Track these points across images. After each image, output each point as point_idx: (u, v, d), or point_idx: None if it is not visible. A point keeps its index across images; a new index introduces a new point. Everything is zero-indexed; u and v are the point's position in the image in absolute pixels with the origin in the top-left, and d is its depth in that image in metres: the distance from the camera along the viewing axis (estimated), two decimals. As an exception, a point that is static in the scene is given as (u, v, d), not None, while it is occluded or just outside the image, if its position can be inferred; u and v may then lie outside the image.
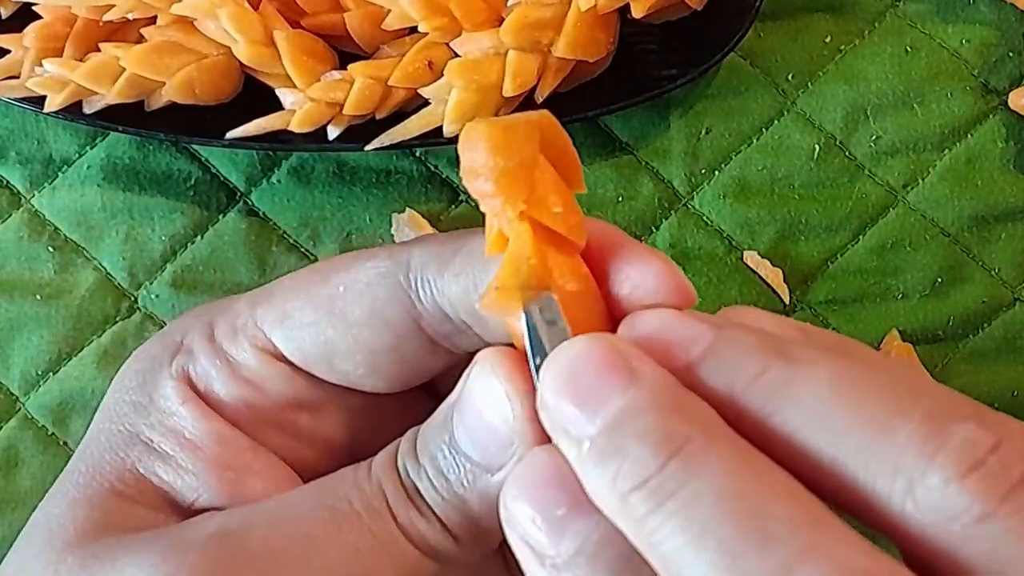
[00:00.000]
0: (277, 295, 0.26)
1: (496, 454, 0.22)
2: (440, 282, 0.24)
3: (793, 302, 0.39)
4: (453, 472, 0.22)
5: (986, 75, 0.39)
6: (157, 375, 0.26)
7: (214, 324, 0.26)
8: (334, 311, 0.25)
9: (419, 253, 0.24)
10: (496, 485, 0.22)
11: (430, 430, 0.23)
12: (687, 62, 0.36)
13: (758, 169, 0.39)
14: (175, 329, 0.27)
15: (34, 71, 0.35)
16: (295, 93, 0.35)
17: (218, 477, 0.25)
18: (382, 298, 0.24)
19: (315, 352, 0.25)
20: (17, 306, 0.38)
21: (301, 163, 0.39)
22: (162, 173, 0.39)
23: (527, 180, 0.21)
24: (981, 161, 0.39)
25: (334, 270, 0.25)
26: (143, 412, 0.26)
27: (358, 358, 0.25)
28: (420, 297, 0.24)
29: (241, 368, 0.26)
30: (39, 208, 0.39)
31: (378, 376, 0.25)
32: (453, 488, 0.23)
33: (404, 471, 0.23)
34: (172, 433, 0.25)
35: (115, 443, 0.26)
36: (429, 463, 0.23)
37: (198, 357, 0.26)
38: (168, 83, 0.35)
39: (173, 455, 0.25)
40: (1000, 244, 0.39)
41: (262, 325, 0.26)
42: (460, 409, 0.22)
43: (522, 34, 0.34)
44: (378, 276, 0.24)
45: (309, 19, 0.36)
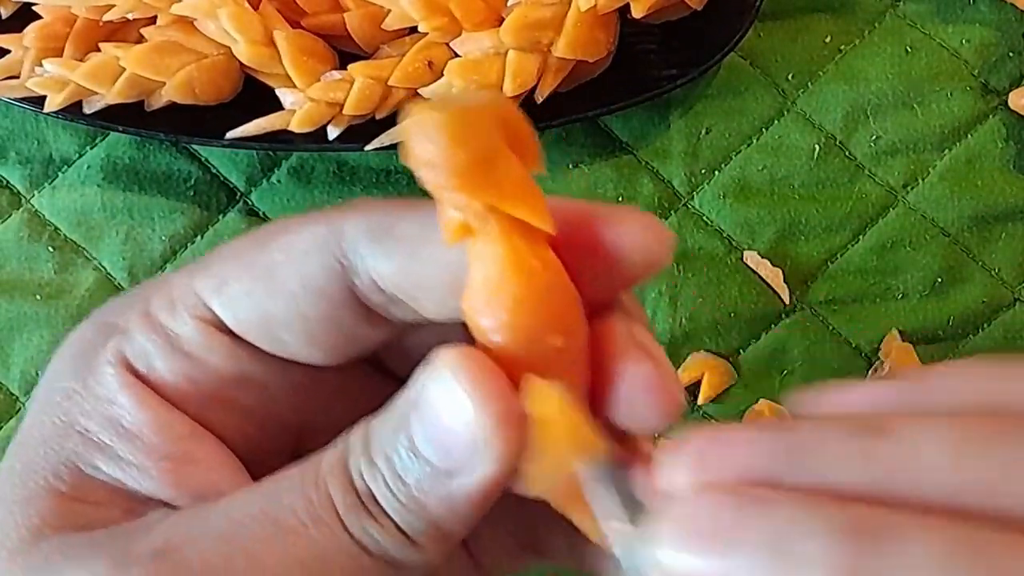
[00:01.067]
0: (215, 263, 0.25)
1: (460, 459, 0.21)
2: (372, 259, 0.23)
3: (793, 302, 0.39)
4: (412, 475, 0.21)
5: (986, 75, 0.39)
6: (92, 360, 0.25)
7: (149, 299, 0.25)
8: (271, 279, 0.24)
9: (352, 225, 0.23)
10: (459, 489, 0.21)
11: (384, 429, 0.22)
12: (687, 62, 0.36)
13: (758, 169, 0.39)
14: (109, 311, 0.26)
15: (34, 71, 0.35)
16: (295, 93, 0.35)
17: (157, 468, 0.24)
18: (317, 267, 0.23)
19: (253, 321, 0.24)
20: (17, 306, 0.38)
21: (301, 163, 0.39)
22: (162, 173, 0.39)
23: (492, 173, 0.20)
24: (981, 161, 0.39)
25: (272, 236, 0.24)
26: (78, 400, 0.24)
27: (296, 328, 0.24)
28: (354, 268, 0.23)
29: (181, 341, 0.24)
30: (39, 208, 0.39)
31: (316, 346, 0.24)
32: (412, 492, 0.21)
33: (357, 473, 0.22)
34: (109, 422, 0.24)
35: (48, 436, 0.24)
36: (385, 465, 0.21)
37: (133, 335, 0.24)
38: (168, 83, 0.35)
39: (111, 445, 0.24)
40: (1000, 244, 0.39)
41: (199, 293, 0.24)
42: (419, 412, 0.21)
43: (522, 34, 0.34)
44: (314, 245, 0.23)
45: (309, 19, 0.36)
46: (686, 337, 0.38)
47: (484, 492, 0.21)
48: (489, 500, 0.21)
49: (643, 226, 0.22)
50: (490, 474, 0.21)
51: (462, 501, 0.21)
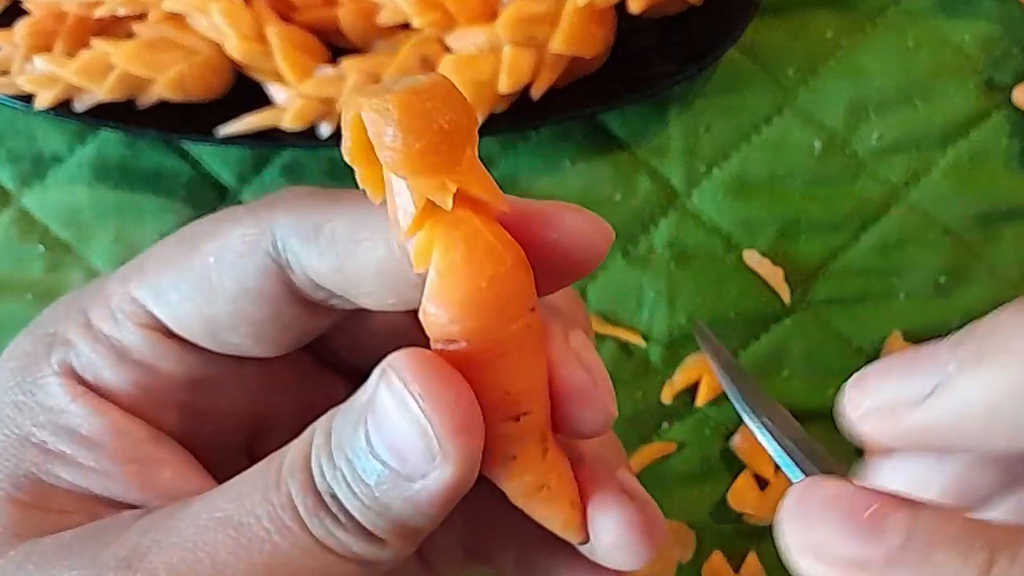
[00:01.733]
0: (148, 269, 0.25)
1: (417, 465, 0.20)
2: (305, 258, 0.23)
3: (794, 302, 0.38)
4: (373, 477, 0.21)
5: (990, 71, 0.38)
6: (36, 372, 0.25)
7: (87, 310, 0.25)
8: (209, 284, 0.24)
9: (282, 224, 0.23)
10: (420, 491, 0.21)
11: (344, 430, 0.21)
12: (686, 58, 0.36)
13: (758, 166, 0.38)
14: (44, 321, 0.26)
15: (24, 68, 0.35)
16: (287, 89, 0.35)
17: (123, 471, 0.24)
18: (254, 270, 0.23)
19: (196, 326, 0.24)
20: (8, 306, 0.38)
21: (293, 160, 0.38)
22: (153, 171, 0.38)
23: (460, 150, 0.19)
24: (985, 158, 0.38)
25: (201, 239, 0.24)
26: (28, 412, 0.24)
27: (241, 329, 0.24)
28: (290, 268, 0.23)
29: (129, 351, 0.24)
30: (29, 206, 0.38)
31: (265, 343, 0.25)
32: (374, 493, 0.21)
33: (319, 473, 0.21)
34: (65, 431, 0.24)
35: (3, 449, 0.24)
36: (346, 466, 0.21)
37: (78, 347, 0.25)
38: (159, 80, 0.35)
39: (71, 454, 0.24)
40: (1004, 243, 0.38)
41: (140, 301, 0.24)
42: (374, 418, 0.21)
43: (518, 29, 0.34)
44: (246, 246, 0.23)
45: (301, 14, 0.36)
46: (685, 337, 0.38)
47: (446, 495, 0.21)
48: (455, 499, 0.21)
49: (583, 220, 0.22)
50: (450, 479, 0.20)
51: (425, 502, 0.21)
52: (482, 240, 0.20)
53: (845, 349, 0.38)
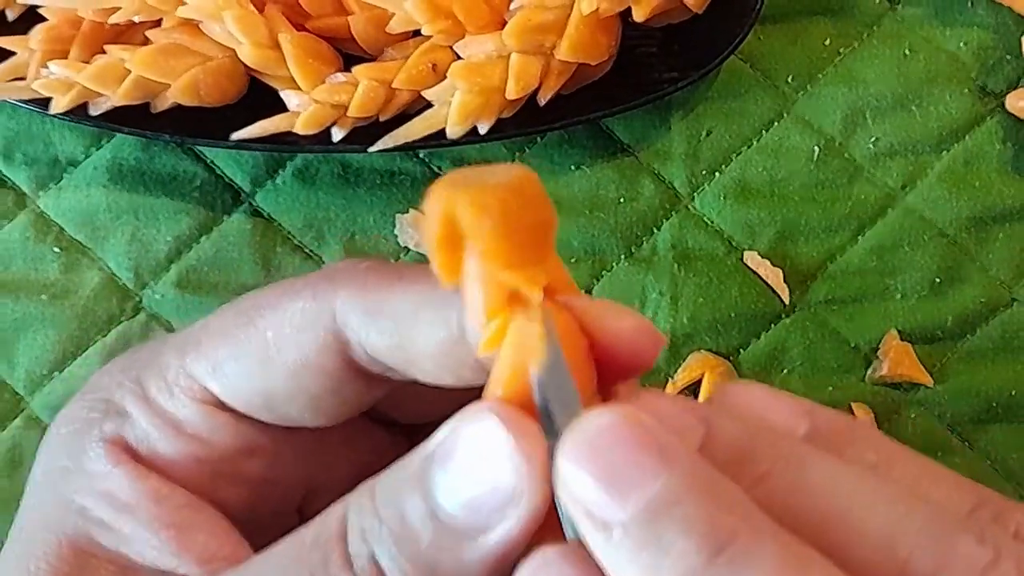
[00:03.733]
0: (204, 343, 0.25)
1: (489, 516, 0.19)
2: (364, 335, 0.23)
3: (793, 302, 0.39)
4: (427, 535, 0.19)
5: (984, 78, 0.39)
6: (85, 439, 0.25)
7: (143, 381, 0.25)
8: (267, 359, 0.24)
9: (343, 299, 0.23)
10: (479, 548, 0.19)
11: (394, 483, 0.20)
12: (688, 65, 0.37)
13: (758, 170, 0.39)
14: (99, 388, 0.26)
15: (40, 73, 0.36)
16: (300, 95, 0.35)
17: (161, 537, 0.24)
18: (313, 345, 0.23)
19: (255, 401, 0.24)
20: (23, 306, 0.39)
21: (306, 164, 0.39)
22: (167, 174, 0.39)
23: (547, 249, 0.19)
24: (979, 163, 0.39)
25: (259, 313, 0.24)
26: (73, 479, 0.25)
27: (299, 402, 0.24)
28: (349, 343, 0.23)
29: (184, 424, 0.24)
30: (45, 209, 0.39)
31: (321, 414, 0.25)
32: (423, 550, 0.19)
33: (357, 533, 0.20)
34: (106, 497, 0.24)
35: (47, 517, 0.24)
36: (395, 521, 0.20)
37: (135, 419, 0.25)
38: (173, 85, 0.35)
39: (108, 520, 0.24)
40: (998, 245, 0.39)
41: (196, 376, 0.25)
42: (448, 463, 0.19)
43: (525, 37, 0.35)
44: (305, 321, 0.23)
45: (313, 22, 0.36)
46: (686, 337, 0.39)
47: (507, 551, 0.19)
48: (508, 563, 0.19)
49: (636, 327, 0.21)
50: (521, 529, 0.19)
51: (479, 562, 0.19)
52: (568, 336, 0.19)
53: (843, 348, 0.39)
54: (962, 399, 0.39)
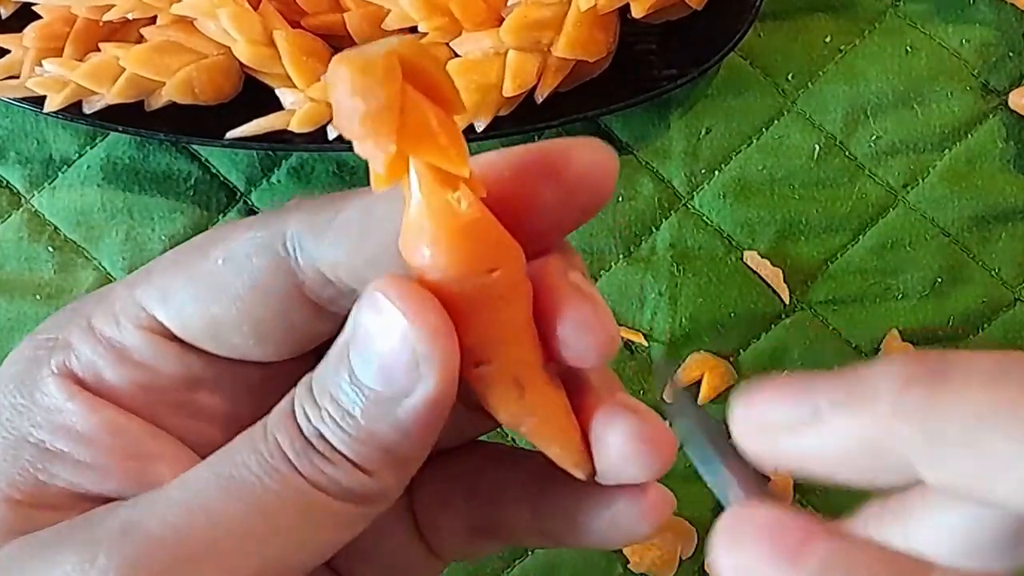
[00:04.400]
0: (155, 274, 0.25)
1: (402, 379, 0.21)
2: (318, 250, 0.23)
3: (793, 302, 0.39)
4: (358, 407, 0.22)
5: (986, 75, 0.39)
6: (35, 375, 0.25)
7: (90, 316, 0.25)
8: (216, 285, 0.24)
9: (294, 222, 0.24)
10: (408, 410, 0.21)
11: (325, 371, 0.22)
12: (687, 62, 0.36)
13: (758, 169, 0.39)
14: (47, 328, 0.26)
15: (34, 71, 0.35)
16: (295, 93, 0.35)
17: (120, 467, 0.24)
18: (263, 269, 0.24)
19: (201, 327, 0.24)
20: (17, 306, 0.38)
21: (301, 163, 0.39)
22: (162, 173, 0.39)
23: (392, 119, 0.20)
24: (981, 161, 0.39)
25: (212, 243, 0.25)
26: (26, 414, 0.24)
27: (245, 329, 0.24)
28: (300, 265, 0.24)
29: (130, 351, 0.25)
30: (39, 208, 0.39)
31: (268, 345, 0.25)
32: (360, 423, 0.22)
33: (304, 419, 0.22)
34: (63, 430, 0.24)
35: (2, 450, 0.24)
36: (330, 404, 0.22)
37: (78, 349, 0.25)
38: (168, 83, 0.35)
39: (68, 452, 0.24)
40: (1000, 244, 0.39)
41: (144, 305, 0.25)
42: (355, 340, 0.21)
43: (522, 34, 0.34)
44: (256, 247, 0.24)
45: (309, 19, 0.36)
46: (686, 337, 0.38)
47: (432, 411, 0.21)
48: (439, 419, 0.22)
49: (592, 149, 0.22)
50: (434, 391, 0.21)
51: (411, 423, 0.21)
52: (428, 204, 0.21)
53: (843, 348, 0.39)
54: (964, 400, 0.38)
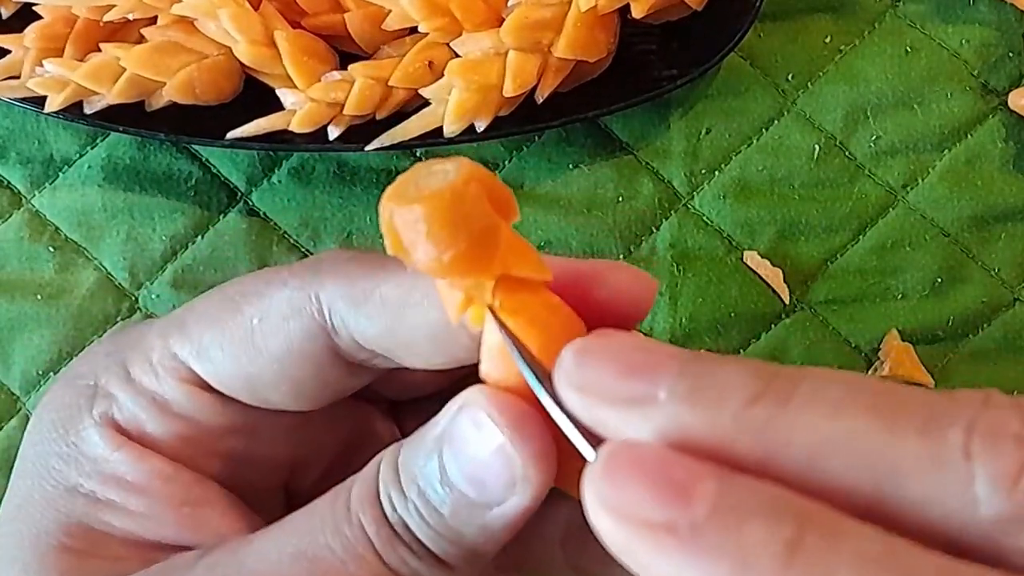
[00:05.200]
0: (190, 326, 0.25)
1: (497, 492, 0.21)
2: (354, 323, 0.23)
3: (793, 302, 0.39)
4: (447, 507, 0.21)
5: (986, 75, 0.39)
6: (78, 423, 0.25)
7: (127, 364, 0.25)
8: (252, 344, 0.24)
9: (330, 288, 0.24)
10: (496, 517, 0.21)
11: (414, 462, 0.22)
12: (687, 62, 0.36)
13: (758, 169, 0.39)
14: (83, 372, 0.26)
15: (35, 71, 0.35)
16: (296, 93, 0.35)
17: (174, 515, 0.24)
18: (299, 332, 0.24)
19: (238, 384, 0.25)
20: (18, 306, 0.38)
21: (302, 163, 0.39)
22: (163, 173, 0.39)
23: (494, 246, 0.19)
24: (981, 161, 0.39)
25: (245, 299, 0.25)
26: (74, 464, 0.25)
27: (283, 388, 0.25)
28: (335, 331, 0.24)
29: (170, 404, 0.25)
30: (40, 208, 0.39)
31: (304, 400, 0.25)
32: (448, 523, 0.22)
33: (389, 505, 0.22)
34: (112, 480, 0.25)
35: (52, 500, 0.25)
36: (418, 498, 0.22)
37: (121, 401, 0.25)
38: (169, 83, 0.35)
39: (120, 502, 0.25)
40: (1000, 244, 0.39)
41: (180, 357, 0.25)
42: (451, 444, 0.21)
43: (522, 34, 0.34)
44: (292, 309, 0.24)
45: (310, 19, 0.36)
46: (686, 337, 0.38)
47: (521, 519, 0.21)
48: (522, 523, 0.22)
49: (629, 277, 0.22)
50: (526, 504, 0.21)
51: (499, 529, 0.21)
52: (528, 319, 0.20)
53: (843, 348, 0.39)
54: (964, 400, 0.38)
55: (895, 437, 0.16)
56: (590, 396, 0.18)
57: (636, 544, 0.16)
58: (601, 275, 0.22)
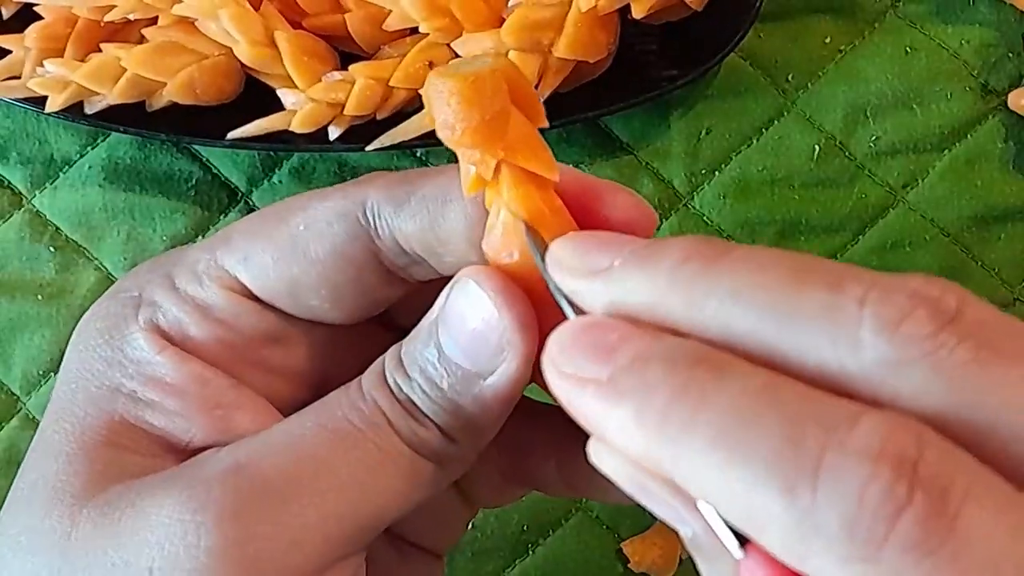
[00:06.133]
0: (235, 239, 0.27)
1: (487, 360, 0.23)
2: (396, 221, 0.25)
3: (793, 302, 0.39)
4: (445, 381, 0.24)
5: (986, 75, 0.39)
6: (123, 330, 0.27)
7: (172, 275, 0.27)
8: (296, 249, 0.26)
9: (374, 193, 0.26)
10: (489, 388, 0.24)
11: (415, 345, 0.25)
12: (687, 63, 0.36)
13: (758, 169, 0.39)
14: (129, 286, 0.28)
15: (35, 71, 0.35)
16: (296, 94, 0.35)
17: (208, 416, 0.26)
18: (342, 236, 0.26)
19: (281, 288, 0.26)
20: (18, 306, 0.38)
21: (302, 163, 0.39)
22: (163, 173, 0.39)
23: (501, 130, 0.22)
24: (981, 161, 0.39)
25: (291, 211, 0.26)
26: (118, 366, 0.26)
27: (322, 292, 0.26)
28: (378, 234, 0.25)
29: (212, 309, 0.26)
30: (40, 208, 0.39)
31: (341, 307, 0.27)
32: (447, 396, 0.24)
33: (395, 386, 0.24)
34: (153, 381, 0.26)
35: (96, 399, 0.26)
36: (420, 376, 0.24)
37: (165, 307, 0.27)
38: (169, 83, 0.35)
39: (160, 401, 0.26)
40: (1000, 244, 0.39)
41: (225, 266, 0.26)
42: (445, 321, 0.24)
43: (523, 35, 0.34)
44: (336, 215, 0.26)
45: (310, 20, 0.36)
46: (686, 337, 0.38)
47: (511, 389, 0.24)
48: (515, 397, 0.24)
49: (633, 203, 0.24)
50: (515, 372, 0.23)
51: (491, 398, 0.24)
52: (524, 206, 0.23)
53: (843, 348, 0.39)
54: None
55: (801, 288, 0.19)
56: (565, 269, 0.21)
57: (573, 396, 0.20)
58: (606, 193, 0.24)
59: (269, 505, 0.23)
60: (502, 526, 0.38)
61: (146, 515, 0.23)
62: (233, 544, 0.23)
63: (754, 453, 0.17)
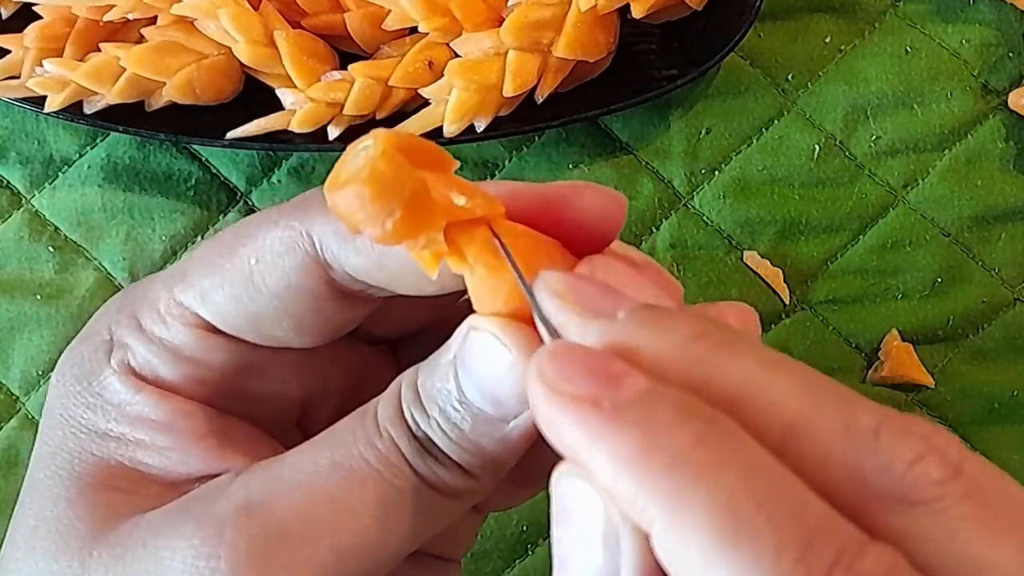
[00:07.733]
0: (190, 273, 0.26)
1: (512, 407, 0.23)
2: (343, 258, 0.24)
3: (793, 302, 0.39)
4: (467, 423, 0.23)
5: (986, 75, 0.39)
6: (99, 375, 0.26)
7: (138, 315, 0.27)
8: (250, 284, 0.25)
9: (319, 225, 0.25)
10: (515, 430, 0.23)
11: (433, 383, 0.24)
12: (687, 62, 0.36)
13: (758, 169, 0.39)
14: (98, 328, 0.27)
15: (34, 71, 0.35)
16: (295, 93, 0.35)
17: (200, 445, 0.26)
18: (295, 268, 0.25)
19: (243, 323, 0.26)
20: (17, 306, 0.38)
21: (301, 163, 0.39)
22: (162, 173, 0.39)
23: (428, 201, 0.21)
24: (981, 161, 0.39)
25: (240, 242, 0.26)
26: (101, 411, 0.26)
27: (284, 324, 0.26)
28: (329, 265, 0.25)
29: (181, 349, 0.26)
30: (39, 208, 0.39)
31: (307, 334, 0.26)
32: (468, 437, 0.23)
33: (413, 422, 0.24)
34: (139, 420, 0.26)
35: (86, 444, 0.26)
36: (439, 416, 0.23)
37: (135, 349, 0.26)
38: (168, 83, 0.35)
39: (149, 440, 0.26)
40: (1000, 244, 0.39)
41: (185, 304, 0.26)
42: (466, 368, 0.23)
43: (522, 34, 0.34)
44: (286, 247, 0.25)
45: (309, 19, 0.36)
46: (686, 337, 0.38)
47: (534, 430, 0.22)
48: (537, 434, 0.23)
49: (598, 196, 0.23)
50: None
51: (516, 441, 0.23)
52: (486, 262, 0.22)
53: (843, 348, 0.39)
54: (964, 400, 0.38)
55: (814, 398, 0.19)
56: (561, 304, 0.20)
57: (559, 414, 0.19)
58: (568, 198, 0.23)
59: (285, 548, 0.23)
60: (502, 526, 0.38)
61: (159, 559, 0.23)
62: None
63: (757, 548, 0.16)
